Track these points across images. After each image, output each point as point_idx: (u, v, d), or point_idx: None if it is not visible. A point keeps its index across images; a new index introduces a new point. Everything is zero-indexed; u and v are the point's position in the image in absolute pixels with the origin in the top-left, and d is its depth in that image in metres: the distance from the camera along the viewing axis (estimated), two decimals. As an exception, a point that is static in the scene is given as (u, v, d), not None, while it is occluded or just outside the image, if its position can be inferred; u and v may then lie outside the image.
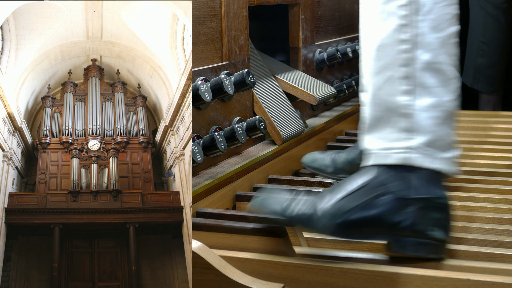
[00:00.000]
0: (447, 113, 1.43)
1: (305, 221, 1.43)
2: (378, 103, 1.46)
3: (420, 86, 1.43)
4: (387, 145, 1.44)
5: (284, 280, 1.41)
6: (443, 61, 1.43)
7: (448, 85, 1.44)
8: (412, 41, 1.43)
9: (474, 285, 1.28)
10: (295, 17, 2.56)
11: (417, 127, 1.42)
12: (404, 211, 1.40)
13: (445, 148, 1.43)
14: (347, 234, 1.42)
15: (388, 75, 1.45)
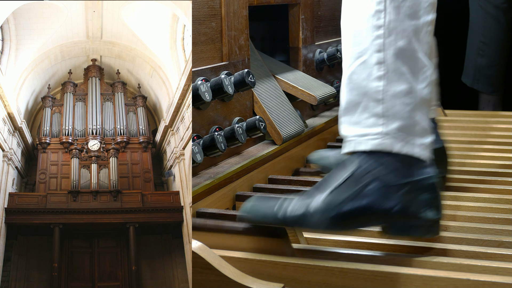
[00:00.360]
0: (420, 99, 1.43)
1: (299, 220, 1.44)
2: (352, 87, 1.47)
3: (393, 72, 1.43)
4: (362, 131, 1.45)
5: (284, 280, 1.41)
6: (417, 49, 1.44)
7: (421, 73, 1.44)
8: (387, 27, 1.43)
9: (474, 285, 1.28)
10: (295, 17, 2.56)
11: (390, 113, 1.43)
12: (394, 196, 1.41)
13: (419, 134, 1.43)
14: (342, 226, 1.43)
15: (362, 60, 1.45)
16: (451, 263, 1.41)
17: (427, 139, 1.45)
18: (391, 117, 1.43)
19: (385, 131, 1.42)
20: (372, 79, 1.44)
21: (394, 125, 1.42)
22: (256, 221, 1.49)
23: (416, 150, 1.43)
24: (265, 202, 1.49)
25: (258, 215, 1.48)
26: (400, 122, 1.42)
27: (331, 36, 2.92)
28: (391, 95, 1.43)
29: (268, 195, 1.88)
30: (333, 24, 2.94)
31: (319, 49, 2.73)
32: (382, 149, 1.42)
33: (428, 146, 1.45)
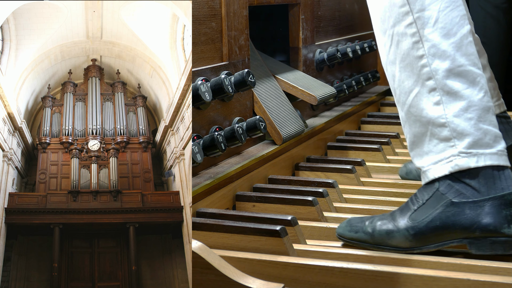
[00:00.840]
0: (481, 110, 1.47)
1: (385, 235, 1.51)
2: (414, 120, 1.53)
3: (447, 94, 1.48)
4: (435, 158, 1.50)
5: (284, 280, 1.41)
6: (463, 63, 1.48)
7: (475, 84, 1.48)
8: (429, 54, 1.49)
9: (474, 285, 1.28)
10: (295, 17, 2.56)
11: (456, 133, 1.47)
12: (471, 214, 1.44)
13: (491, 143, 1.47)
14: (424, 242, 1.49)
15: (415, 93, 1.51)
16: (451, 263, 1.41)
17: (500, 145, 1.48)
18: (459, 136, 1.47)
19: (457, 152, 1.47)
20: (430, 107, 1.49)
21: (464, 142, 1.46)
22: (348, 236, 1.57)
23: (494, 159, 1.45)
24: (356, 221, 1.58)
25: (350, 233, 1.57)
26: (469, 138, 1.46)
27: (331, 36, 2.91)
28: (452, 115, 1.47)
29: (268, 195, 1.88)
30: (333, 24, 2.93)
31: (319, 49, 2.73)
32: (459, 169, 1.46)
33: (504, 151, 1.48)
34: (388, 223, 1.52)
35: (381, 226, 1.53)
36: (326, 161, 2.31)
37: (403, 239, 1.49)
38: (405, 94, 1.54)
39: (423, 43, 1.50)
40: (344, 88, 2.81)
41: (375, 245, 1.53)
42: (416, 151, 1.55)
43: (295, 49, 2.57)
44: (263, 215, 1.65)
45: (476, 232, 1.44)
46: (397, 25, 1.53)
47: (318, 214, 1.81)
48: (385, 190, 2.05)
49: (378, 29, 1.59)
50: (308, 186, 2.01)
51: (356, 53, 2.88)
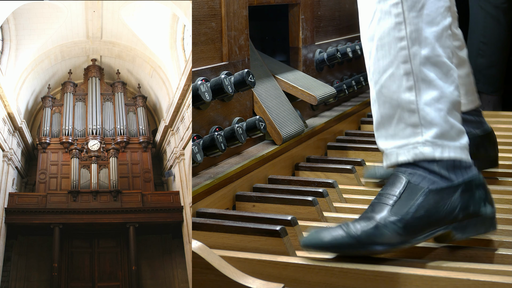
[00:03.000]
0: (450, 103, 1.48)
1: (372, 234, 1.44)
2: (384, 100, 1.53)
3: (422, 81, 1.48)
4: (400, 142, 1.51)
5: (284, 280, 1.41)
6: (441, 54, 1.48)
7: (448, 76, 1.49)
8: (410, 38, 1.48)
9: (474, 285, 1.28)
10: (295, 17, 2.56)
11: (424, 122, 1.48)
12: (450, 200, 1.46)
13: (456, 136, 1.49)
14: (413, 233, 1.46)
15: (390, 73, 1.50)
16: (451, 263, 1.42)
17: (464, 140, 1.50)
18: (427, 124, 1.48)
19: (423, 140, 1.48)
20: (402, 90, 1.49)
21: (431, 132, 1.47)
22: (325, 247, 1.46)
23: (457, 152, 1.48)
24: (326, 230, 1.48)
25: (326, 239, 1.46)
26: (437, 128, 1.47)
27: (331, 36, 2.92)
28: (423, 103, 1.47)
29: (268, 195, 1.88)
30: (333, 24, 2.93)
31: (319, 49, 2.73)
32: (423, 158, 1.47)
33: (466, 146, 1.50)
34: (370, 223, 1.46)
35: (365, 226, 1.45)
36: (326, 161, 2.31)
37: (393, 233, 1.44)
38: (379, 73, 1.53)
39: (405, 26, 1.49)
40: (344, 88, 2.81)
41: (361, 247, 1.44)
42: (381, 132, 1.55)
43: (295, 49, 2.57)
44: (263, 215, 1.65)
45: (459, 216, 1.47)
46: (382, 2, 1.51)
47: (318, 214, 1.81)
48: (385, 190, 2.04)
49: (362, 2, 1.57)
50: (308, 186, 2.02)
51: (356, 53, 2.88)
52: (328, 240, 1.46)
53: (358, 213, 1.88)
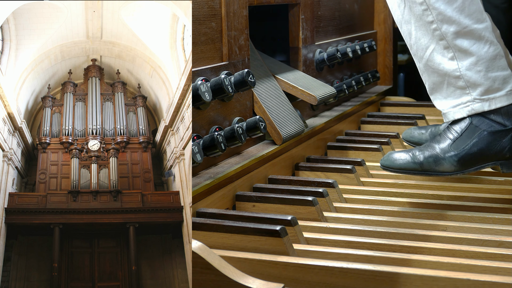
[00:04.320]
0: (488, 61, 1.77)
1: (433, 162, 1.83)
2: (432, 71, 1.84)
3: (459, 51, 1.78)
4: (454, 102, 1.83)
5: (284, 280, 1.41)
6: (468, 24, 1.76)
7: (480, 39, 1.77)
8: (437, 20, 1.77)
9: (474, 285, 1.28)
10: (295, 17, 2.56)
11: (469, 84, 1.79)
12: (503, 140, 1.79)
13: (499, 88, 1.78)
14: (466, 166, 1.82)
15: (432, 48, 1.81)
16: (451, 263, 1.42)
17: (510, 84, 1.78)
18: (472, 86, 1.79)
19: (472, 98, 1.80)
20: (445, 61, 1.80)
21: (477, 91, 1.79)
22: (398, 169, 1.87)
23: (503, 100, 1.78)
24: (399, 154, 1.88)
25: (397, 163, 1.87)
26: (481, 87, 1.78)
27: (331, 36, 2.91)
28: (465, 69, 1.78)
29: (268, 195, 1.88)
30: (333, 24, 2.93)
31: (319, 49, 2.73)
32: (475, 112, 1.80)
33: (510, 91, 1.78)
34: (433, 152, 1.83)
35: (427, 155, 1.83)
36: (326, 161, 2.31)
37: (449, 165, 1.81)
38: (422, 50, 1.84)
39: (431, 11, 1.77)
40: (344, 88, 2.81)
41: (424, 172, 1.84)
42: (435, 95, 1.88)
43: (295, 49, 2.57)
44: (263, 215, 1.65)
45: (507, 155, 1.80)
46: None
47: (318, 214, 1.81)
48: (385, 190, 2.05)
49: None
50: (308, 186, 2.02)
51: (356, 53, 2.88)
52: (398, 163, 1.86)
53: (358, 213, 1.88)
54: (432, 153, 1.83)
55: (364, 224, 1.76)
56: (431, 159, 1.83)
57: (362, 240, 1.59)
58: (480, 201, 1.93)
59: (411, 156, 1.84)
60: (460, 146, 1.80)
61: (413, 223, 1.74)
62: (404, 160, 1.85)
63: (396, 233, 1.65)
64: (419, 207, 1.90)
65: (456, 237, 1.61)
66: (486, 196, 1.96)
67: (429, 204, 1.91)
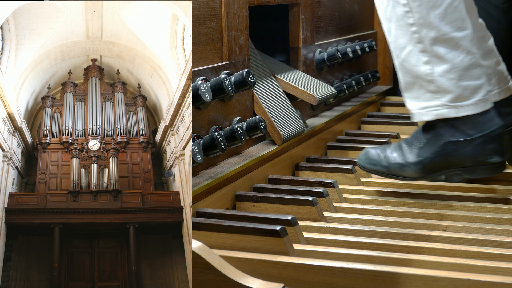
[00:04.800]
0: (461, 70, 1.80)
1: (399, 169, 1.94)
2: (405, 71, 1.87)
3: (435, 57, 1.80)
4: (423, 104, 1.86)
5: (284, 280, 1.41)
6: (447, 31, 1.77)
7: (457, 48, 1.79)
8: (417, 24, 1.78)
9: (474, 285, 1.28)
10: (295, 17, 2.56)
11: (440, 89, 1.82)
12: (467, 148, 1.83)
13: (469, 95, 1.81)
14: (429, 173, 1.91)
15: (409, 50, 1.83)
16: (451, 263, 1.42)
17: (479, 94, 1.81)
18: (442, 92, 1.82)
19: (441, 103, 1.83)
20: (420, 64, 1.82)
21: (447, 97, 1.82)
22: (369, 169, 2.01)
23: (471, 109, 1.81)
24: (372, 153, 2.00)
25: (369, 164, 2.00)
26: (451, 94, 1.81)
27: (331, 36, 2.91)
28: (438, 75, 1.81)
29: (268, 195, 1.88)
30: (333, 24, 2.93)
31: (319, 49, 2.73)
32: (442, 117, 1.83)
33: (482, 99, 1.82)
34: (400, 159, 1.93)
35: (394, 160, 1.94)
36: (326, 161, 2.31)
37: (413, 172, 1.91)
38: (400, 49, 1.85)
39: (413, 14, 1.77)
40: (344, 88, 2.81)
41: (390, 175, 1.96)
42: (407, 94, 1.91)
43: (295, 49, 2.57)
44: (263, 215, 1.65)
45: (469, 163, 1.86)
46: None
47: (318, 214, 1.81)
48: (385, 190, 2.05)
49: None
50: (308, 186, 2.02)
51: (356, 53, 2.88)
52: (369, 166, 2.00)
53: (358, 213, 1.88)
54: (399, 160, 1.94)
55: (364, 224, 1.76)
56: (397, 166, 1.94)
57: (362, 240, 1.59)
58: (480, 201, 1.93)
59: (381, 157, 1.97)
60: (424, 154, 1.88)
61: (413, 223, 1.74)
62: (375, 161, 1.98)
63: (396, 233, 1.65)
64: (419, 207, 1.90)
65: (456, 237, 1.61)
66: (486, 196, 1.96)
67: (429, 204, 1.91)
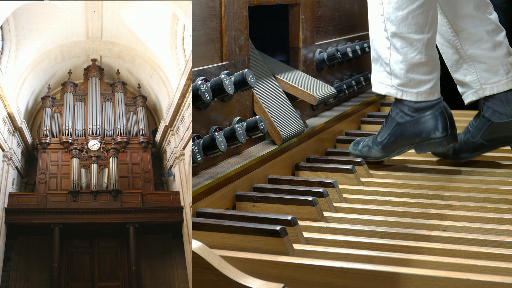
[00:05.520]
0: (411, 65, 2.10)
1: (368, 151, 2.28)
2: (374, 48, 2.20)
3: (393, 47, 2.12)
4: (380, 79, 2.20)
5: (284, 280, 1.41)
6: (405, 31, 2.07)
7: (412, 46, 2.08)
8: (384, 17, 2.11)
9: (474, 285, 1.28)
10: (295, 17, 2.56)
11: (393, 73, 2.14)
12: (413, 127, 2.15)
13: (414, 86, 2.12)
14: (388, 152, 2.24)
15: (378, 33, 2.15)
16: (451, 263, 1.42)
17: (423, 88, 2.12)
18: (394, 76, 2.14)
19: (391, 84, 2.16)
20: (383, 48, 2.15)
21: (396, 81, 2.14)
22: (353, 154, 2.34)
23: (413, 96, 2.13)
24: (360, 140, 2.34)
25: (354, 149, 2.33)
26: (399, 80, 2.14)
27: (331, 36, 2.92)
28: (393, 61, 2.13)
29: (268, 195, 1.88)
30: (333, 24, 2.93)
31: (319, 49, 2.73)
32: (390, 95, 2.18)
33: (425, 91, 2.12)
34: (367, 143, 2.28)
35: (364, 144, 2.29)
36: (326, 161, 2.31)
37: (376, 152, 2.25)
38: (372, 28, 2.17)
39: (383, 8, 2.10)
40: (344, 88, 2.81)
41: (364, 157, 2.28)
42: (373, 66, 2.22)
43: (295, 49, 2.57)
44: (263, 215, 1.65)
45: (416, 140, 2.15)
46: None
47: (318, 214, 1.81)
48: (385, 190, 2.05)
49: None
50: (308, 186, 2.02)
51: (356, 53, 2.88)
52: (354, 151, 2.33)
53: (358, 213, 1.88)
54: (367, 142, 2.28)
55: (364, 224, 1.76)
56: (366, 148, 2.28)
57: (362, 240, 1.59)
58: (480, 201, 1.93)
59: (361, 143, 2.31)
60: (383, 136, 2.23)
61: (413, 223, 1.74)
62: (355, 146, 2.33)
63: (396, 233, 1.65)
64: (419, 207, 1.90)
65: (456, 237, 1.61)
66: (486, 196, 1.96)
67: (429, 204, 1.91)
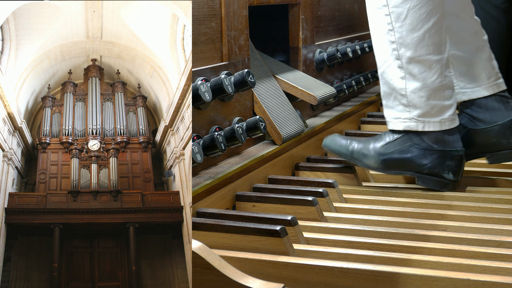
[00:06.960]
0: (432, 89, 1.94)
1: (361, 156, 2.07)
2: (384, 82, 2.02)
3: (409, 74, 1.95)
4: (396, 114, 2.01)
5: (284, 280, 1.41)
6: (423, 53, 1.92)
7: (430, 69, 1.93)
8: (397, 43, 1.94)
9: (474, 285, 1.28)
10: (295, 17, 2.56)
11: (411, 104, 1.97)
12: (428, 157, 1.97)
13: (436, 114, 1.96)
14: (388, 168, 2.03)
15: (388, 64, 1.98)
16: (451, 263, 1.42)
17: (446, 114, 1.97)
18: (412, 107, 1.97)
19: (410, 117, 1.98)
20: (396, 78, 1.97)
21: (415, 112, 1.97)
22: (333, 150, 2.13)
23: (437, 126, 1.96)
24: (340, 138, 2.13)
25: (334, 145, 2.12)
26: (419, 110, 1.96)
27: (331, 36, 2.92)
28: (410, 91, 1.96)
29: (268, 195, 1.88)
30: (333, 24, 2.93)
31: (319, 49, 2.73)
32: (410, 129, 1.99)
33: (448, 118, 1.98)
34: (364, 149, 2.06)
35: (359, 149, 2.07)
36: (326, 161, 2.31)
37: (374, 162, 2.04)
38: (381, 61, 2.00)
39: (394, 33, 1.93)
40: (344, 88, 2.81)
41: (353, 159, 2.08)
42: (384, 102, 2.05)
43: (295, 49, 2.57)
44: (263, 215, 1.65)
45: (425, 171, 1.99)
46: (379, 10, 1.95)
47: (318, 214, 1.81)
48: (385, 190, 2.05)
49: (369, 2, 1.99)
50: (308, 186, 2.02)
51: (356, 53, 2.88)
52: (335, 146, 2.12)
53: (358, 213, 1.88)
54: (365, 147, 2.06)
55: (364, 224, 1.76)
56: (361, 152, 2.07)
57: (362, 240, 1.59)
58: (480, 201, 1.93)
59: (348, 143, 2.09)
60: (389, 148, 2.02)
61: (413, 223, 1.74)
62: (341, 144, 2.11)
63: (396, 233, 1.65)
64: (419, 207, 1.90)
65: (456, 237, 1.61)
66: (486, 196, 1.96)
67: (429, 204, 1.91)
